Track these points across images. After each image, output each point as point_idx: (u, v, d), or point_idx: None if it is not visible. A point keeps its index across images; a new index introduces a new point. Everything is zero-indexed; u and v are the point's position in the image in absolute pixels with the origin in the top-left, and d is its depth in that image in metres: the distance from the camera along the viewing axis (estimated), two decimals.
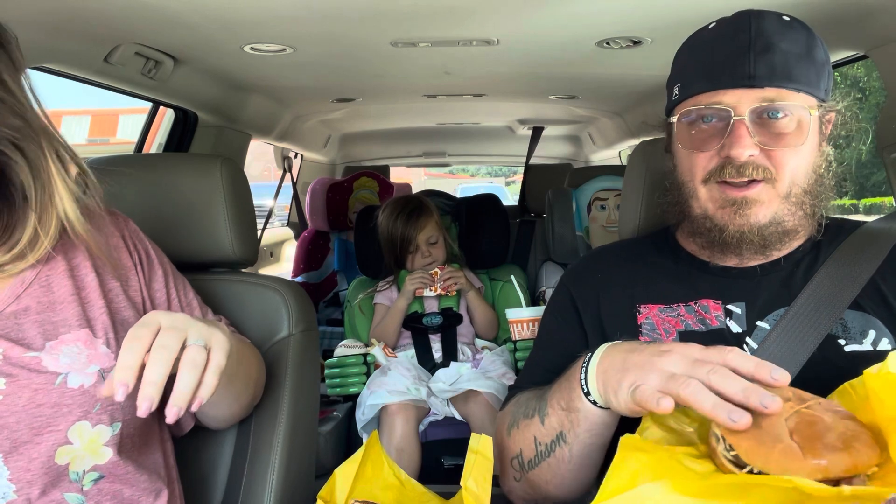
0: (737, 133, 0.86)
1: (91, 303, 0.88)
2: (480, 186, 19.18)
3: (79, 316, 0.86)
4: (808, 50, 0.88)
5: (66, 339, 0.84)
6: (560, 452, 0.82)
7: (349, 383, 2.12)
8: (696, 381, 0.64)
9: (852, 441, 0.59)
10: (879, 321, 0.87)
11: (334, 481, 0.83)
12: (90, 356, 0.84)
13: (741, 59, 0.87)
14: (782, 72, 0.86)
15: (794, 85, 0.87)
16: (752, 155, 0.87)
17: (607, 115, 3.11)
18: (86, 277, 0.89)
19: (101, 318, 0.87)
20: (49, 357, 0.81)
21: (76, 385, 0.81)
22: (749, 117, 0.86)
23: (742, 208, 0.88)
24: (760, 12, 0.91)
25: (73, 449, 0.80)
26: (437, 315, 2.23)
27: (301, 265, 3.32)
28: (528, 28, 1.60)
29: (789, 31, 0.88)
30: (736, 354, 0.66)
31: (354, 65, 1.99)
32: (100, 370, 0.84)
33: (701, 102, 0.90)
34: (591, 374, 0.77)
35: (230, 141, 2.43)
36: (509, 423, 0.92)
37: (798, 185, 0.89)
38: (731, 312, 0.92)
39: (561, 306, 1.05)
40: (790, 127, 0.87)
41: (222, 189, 1.15)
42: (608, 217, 2.48)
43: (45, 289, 0.86)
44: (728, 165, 0.88)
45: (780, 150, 0.87)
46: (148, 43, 1.61)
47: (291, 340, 1.13)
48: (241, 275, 1.21)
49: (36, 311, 0.84)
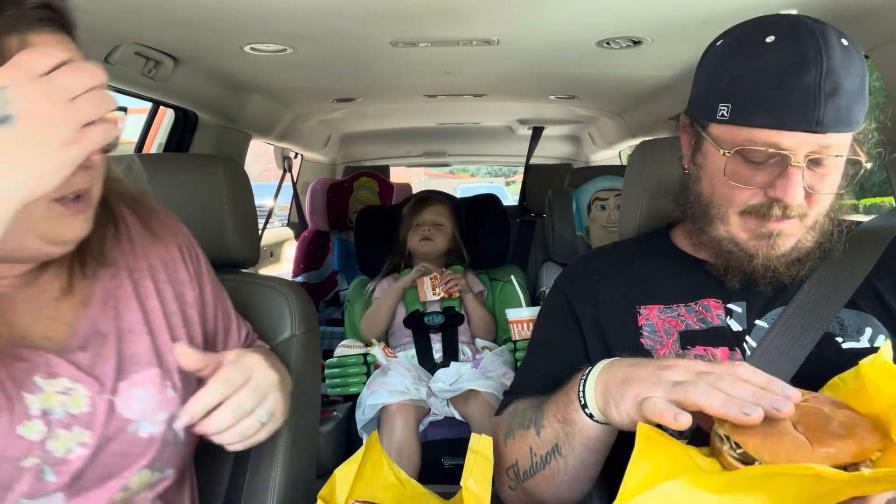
0: (793, 179, 0.82)
1: (159, 334, 0.81)
2: (480, 186, 19.17)
3: (149, 351, 0.79)
4: (862, 86, 0.83)
5: (138, 380, 0.78)
6: (555, 464, 0.81)
7: (349, 383, 2.12)
8: (703, 383, 0.64)
9: (855, 428, 0.60)
10: (875, 319, 0.88)
11: (334, 481, 0.83)
12: (160, 402, 0.79)
13: (810, 103, 0.80)
14: (846, 118, 0.81)
15: (852, 128, 0.83)
16: (802, 199, 0.84)
17: (607, 115, 3.11)
18: (149, 301, 0.81)
19: (168, 352, 0.81)
20: (123, 402, 0.77)
21: (146, 434, 0.77)
22: (805, 163, 0.83)
23: (775, 240, 0.87)
24: (826, 37, 0.82)
25: (126, 494, 0.78)
26: (438, 314, 2.23)
27: (301, 265, 3.32)
28: (528, 28, 1.60)
29: (850, 63, 0.82)
30: (745, 368, 0.66)
31: (354, 65, 2.00)
32: (168, 417, 0.79)
33: (758, 138, 0.83)
34: (590, 388, 0.76)
35: (230, 141, 2.43)
36: (505, 431, 0.91)
37: (822, 214, 0.89)
38: (732, 311, 0.93)
39: (557, 310, 1.04)
40: (837, 168, 0.85)
41: (225, 190, 1.15)
42: (608, 217, 2.48)
43: (115, 312, 0.79)
44: (775, 206, 0.85)
45: (825, 194, 0.85)
46: (148, 43, 1.61)
47: (294, 341, 1.13)
48: (244, 275, 1.21)
49: (112, 341, 0.77)
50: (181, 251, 0.88)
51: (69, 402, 0.73)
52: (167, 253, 0.86)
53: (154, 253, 0.84)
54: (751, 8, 1.37)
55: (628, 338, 0.95)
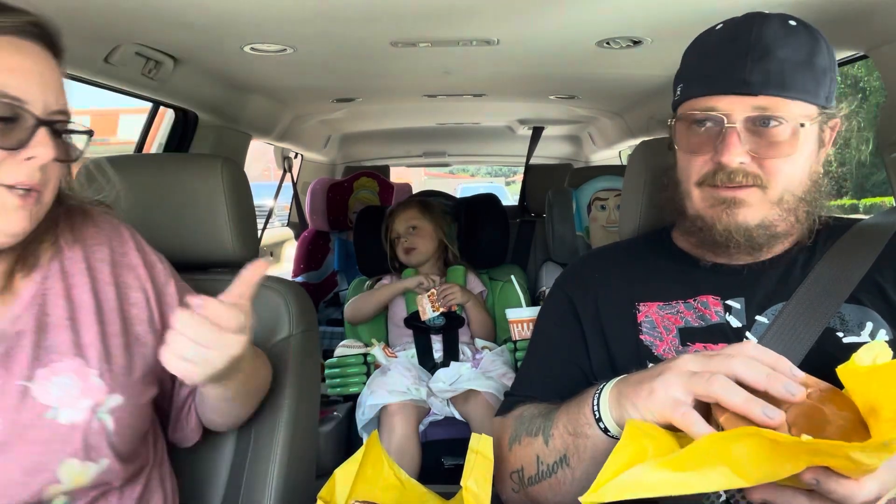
0: (728, 140, 0.87)
1: (86, 328, 0.84)
2: (480, 186, 19.16)
3: (71, 343, 0.83)
4: (809, 57, 0.87)
5: (58, 368, 0.81)
6: (563, 474, 0.80)
7: (349, 383, 2.12)
8: (721, 376, 0.63)
9: (850, 435, 0.59)
10: (876, 313, 0.88)
11: (334, 481, 0.83)
12: (83, 390, 0.81)
13: (738, 65, 0.87)
14: (778, 80, 0.86)
15: (789, 93, 0.86)
16: (743, 163, 0.87)
17: (607, 115, 3.11)
18: (82, 296, 0.86)
19: (94, 344, 0.84)
20: (40, 387, 0.79)
21: (66, 421, 0.78)
22: (741, 125, 0.87)
23: (731, 207, 0.89)
24: (766, 16, 0.90)
25: (59, 487, 0.78)
26: (439, 316, 2.23)
27: (301, 265, 3.32)
28: (528, 28, 1.60)
29: (792, 37, 0.87)
30: (754, 346, 0.66)
31: (354, 65, 1.99)
32: (92, 405, 0.81)
33: (697, 106, 0.90)
34: (605, 400, 0.75)
35: (230, 141, 2.43)
36: (511, 437, 0.91)
37: (791, 193, 0.90)
38: (731, 308, 0.93)
39: (558, 310, 1.04)
40: (783, 136, 0.87)
41: (223, 190, 1.15)
42: (608, 217, 2.48)
43: (41, 308, 0.83)
44: (720, 171, 0.89)
45: (772, 159, 0.88)
46: (148, 43, 1.61)
47: (292, 341, 1.13)
48: None
49: (31, 334, 0.81)
50: (135, 253, 0.93)
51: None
52: (113, 258, 0.91)
53: (97, 258, 0.89)
54: (750, 8, 1.37)
55: (628, 335, 0.95)
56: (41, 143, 0.73)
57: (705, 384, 0.64)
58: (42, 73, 0.75)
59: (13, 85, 0.73)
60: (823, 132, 0.92)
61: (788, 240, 0.96)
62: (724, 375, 0.63)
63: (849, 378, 0.62)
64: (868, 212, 14.46)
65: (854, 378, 0.62)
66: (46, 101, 0.75)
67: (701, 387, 0.64)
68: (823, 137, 0.92)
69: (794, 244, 0.96)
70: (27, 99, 0.73)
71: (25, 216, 0.75)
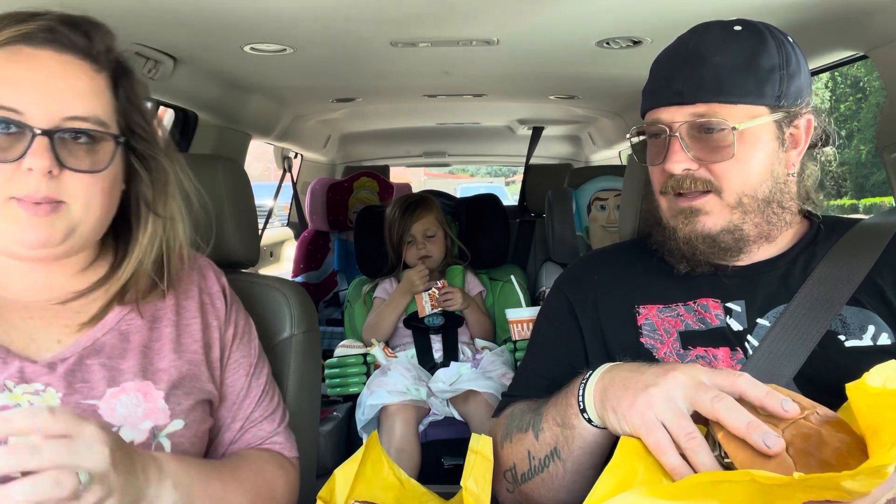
0: (671, 149, 0.90)
1: (161, 356, 0.87)
2: (480, 186, 19.17)
3: (142, 368, 0.85)
4: (750, 59, 0.88)
5: (128, 387, 0.82)
6: (554, 468, 0.81)
7: (349, 383, 2.12)
8: (728, 398, 0.64)
9: (847, 457, 0.60)
10: (878, 316, 0.88)
11: (334, 481, 0.83)
12: (148, 410, 0.82)
13: (674, 76, 0.90)
14: (712, 86, 0.88)
15: (727, 98, 0.88)
16: (688, 169, 0.90)
17: (607, 115, 3.11)
18: (164, 329, 0.89)
19: (167, 371, 0.86)
20: (107, 405, 0.80)
21: (127, 440, 0.77)
22: (683, 133, 0.89)
23: (689, 216, 0.92)
24: (707, 25, 0.92)
25: None
26: (438, 316, 2.23)
27: (301, 265, 3.32)
28: (528, 28, 1.60)
29: (732, 42, 0.89)
30: (746, 380, 0.66)
31: (354, 65, 2.00)
32: (153, 427, 0.82)
33: (647, 120, 0.94)
34: (589, 392, 0.76)
35: (230, 141, 2.43)
36: (503, 435, 0.91)
37: (749, 195, 0.90)
38: (731, 310, 0.93)
39: (557, 311, 1.04)
40: (726, 140, 0.88)
41: (224, 190, 1.15)
42: (608, 217, 2.48)
43: (122, 335, 0.86)
44: (669, 179, 0.92)
45: (718, 163, 0.89)
46: (148, 43, 1.61)
47: (293, 341, 1.13)
48: (243, 275, 1.21)
49: (107, 356, 0.83)
50: (219, 295, 0.97)
51: (37, 401, 0.77)
52: (201, 298, 0.95)
53: (186, 296, 0.93)
54: (750, 8, 1.38)
55: (628, 338, 0.94)
56: (36, 154, 0.73)
57: (710, 403, 0.64)
58: (47, 81, 0.76)
59: (9, 96, 0.73)
60: (784, 132, 0.91)
61: (781, 241, 0.96)
62: (730, 398, 0.64)
63: (857, 397, 0.62)
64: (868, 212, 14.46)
65: (862, 398, 0.61)
66: (51, 109, 0.75)
67: (706, 405, 0.65)
68: (786, 137, 0.91)
69: (793, 245, 0.96)
70: (24, 110, 0.74)
71: (43, 227, 0.76)
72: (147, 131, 0.86)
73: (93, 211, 0.80)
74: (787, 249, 0.96)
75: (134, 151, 0.86)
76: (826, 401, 0.67)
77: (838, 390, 0.63)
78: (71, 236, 0.79)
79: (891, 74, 1.41)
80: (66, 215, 0.78)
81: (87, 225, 0.80)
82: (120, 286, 0.85)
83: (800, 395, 0.67)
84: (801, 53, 0.92)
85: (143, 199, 0.87)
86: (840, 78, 20.03)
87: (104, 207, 0.82)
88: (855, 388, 0.62)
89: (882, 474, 0.53)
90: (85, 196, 0.78)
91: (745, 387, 0.65)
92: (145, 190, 0.87)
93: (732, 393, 0.66)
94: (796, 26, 1.43)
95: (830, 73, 4.87)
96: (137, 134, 0.85)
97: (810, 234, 0.97)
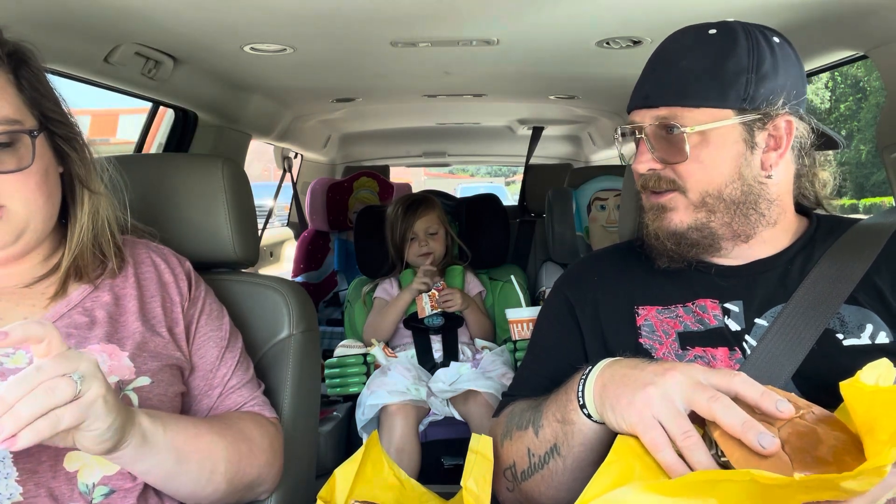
0: (639, 150, 0.95)
1: (125, 326, 0.90)
2: (480, 186, 19.18)
3: (107, 334, 0.87)
4: (715, 63, 0.89)
5: (93, 348, 0.85)
6: (554, 465, 0.81)
7: (349, 383, 2.12)
8: (724, 398, 0.64)
9: (843, 455, 0.60)
10: (876, 315, 0.88)
11: (334, 481, 0.83)
12: (112, 367, 0.84)
13: (645, 81, 0.95)
14: (677, 90, 0.90)
15: (688, 101, 0.90)
16: (652, 169, 0.94)
17: (607, 115, 3.12)
18: (128, 304, 0.92)
19: (132, 337, 0.88)
20: None
21: None
22: (649, 134, 0.93)
23: (658, 213, 0.96)
24: (683, 30, 0.95)
25: (81, 455, 0.79)
26: (438, 316, 2.23)
27: (301, 265, 3.32)
28: (528, 28, 1.60)
29: (700, 46, 0.91)
30: (742, 380, 0.66)
31: (354, 65, 2.00)
32: (119, 381, 0.83)
33: (626, 122, 0.99)
34: (589, 388, 0.76)
35: (230, 141, 2.43)
36: (502, 433, 0.91)
37: (713, 196, 0.92)
38: (729, 311, 0.93)
39: (557, 312, 1.04)
40: (683, 142, 0.90)
41: (224, 190, 1.16)
42: (608, 217, 2.48)
43: (86, 311, 0.88)
44: (641, 177, 0.97)
45: (680, 164, 0.92)
46: (148, 43, 1.61)
47: (292, 341, 1.13)
48: (242, 275, 1.21)
49: (74, 327, 0.87)
50: (176, 278, 0.99)
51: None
52: (161, 278, 0.97)
53: (145, 277, 0.96)
54: (750, 8, 1.38)
55: (627, 338, 0.95)
56: None
57: (706, 403, 0.65)
58: None
59: None
60: (755, 134, 0.90)
61: (778, 240, 0.95)
62: (726, 397, 0.64)
63: (851, 395, 0.62)
64: (868, 212, 14.48)
65: (857, 396, 0.62)
66: None
67: (703, 405, 0.65)
68: (759, 139, 0.91)
69: (791, 244, 0.96)
70: None
71: None
72: (61, 113, 0.87)
73: (35, 205, 0.82)
74: (785, 249, 0.96)
75: (56, 135, 0.87)
76: (824, 399, 0.68)
77: (837, 389, 0.64)
78: (24, 234, 0.82)
79: (891, 74, 1.41)
80: (9, 218, 0.80)
81: (36, 220, 0.83)
82: (70, 262, 0.88)
83: (795, 395, 0.67)
84: (783, 55, 0.91)
85: (76, 177, 0.89)
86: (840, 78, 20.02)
87: (45, 198, 0.83)
88: (849, 386, 0.62)
89: (881, 473, 0.54)
90: (21, 195, 0.80)
91: (741, 387, 0.66)
92: (77, 169, 0.89)
93: (728, 392, 0.66)
94: (796, 26, 1.44)
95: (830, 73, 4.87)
96: (53, 119, 0.86)
97: (808, 233, 0.97)
